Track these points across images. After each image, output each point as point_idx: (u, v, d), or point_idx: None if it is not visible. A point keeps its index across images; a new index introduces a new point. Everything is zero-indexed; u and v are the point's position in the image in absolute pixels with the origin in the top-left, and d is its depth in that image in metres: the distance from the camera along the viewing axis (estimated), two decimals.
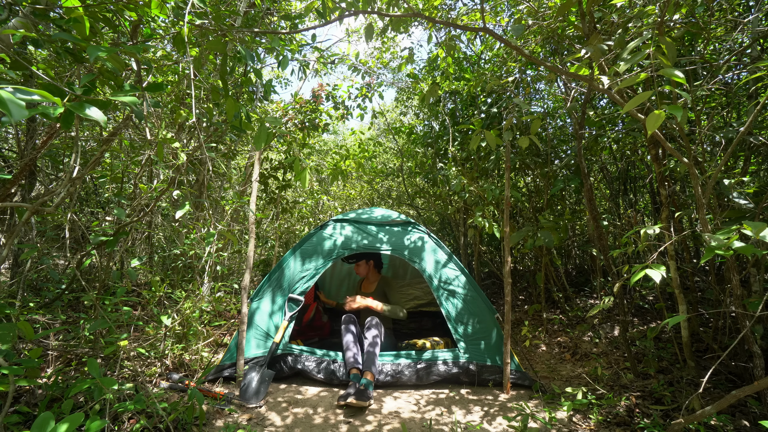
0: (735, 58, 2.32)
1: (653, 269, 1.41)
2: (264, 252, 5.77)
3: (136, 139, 3.31)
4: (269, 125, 1.52)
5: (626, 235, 2.28)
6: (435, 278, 2.83)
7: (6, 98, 0.77)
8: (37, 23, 1.43)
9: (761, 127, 2.62)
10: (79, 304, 3.61)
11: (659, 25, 1.70)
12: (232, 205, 2.91)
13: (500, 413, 2.22)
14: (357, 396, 2.20)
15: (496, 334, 2.66)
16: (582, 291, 4.42)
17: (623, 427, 2.01)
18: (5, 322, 1.72)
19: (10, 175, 1.92)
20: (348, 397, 2.23)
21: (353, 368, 2.50)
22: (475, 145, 2.14)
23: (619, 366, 2.76)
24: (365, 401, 2.20)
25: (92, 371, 1.49)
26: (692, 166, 1.68)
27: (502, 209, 3.66)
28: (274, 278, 2.87)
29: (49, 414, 1.15)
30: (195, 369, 2.65)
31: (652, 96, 1.27)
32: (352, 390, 2.29)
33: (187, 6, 1.40)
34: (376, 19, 3.87)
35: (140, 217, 2.38)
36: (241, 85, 2.20)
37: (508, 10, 3.98)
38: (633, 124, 2.90)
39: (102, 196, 4.32)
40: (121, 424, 1.80)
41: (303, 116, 4.35)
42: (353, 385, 2.35)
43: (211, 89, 1.89)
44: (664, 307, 2.76)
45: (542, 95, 4.56)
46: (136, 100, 1.13)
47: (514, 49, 1.80)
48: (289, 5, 4.15)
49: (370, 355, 2.53)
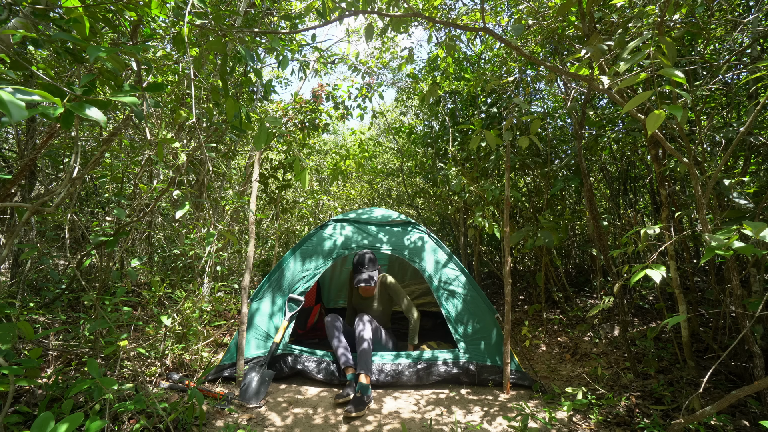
0: (735, 58, 2.32)
1: (653, 269, 1.41)
2: (264, 252, 5.77)
3: (136, 139, 3.31)
4: (269, 125, 1.52)
5: (626, 235, 2.28)
6: (435, 278, 2.83)
7: (6, 99, 0.77)
8: (37, 23, 1.43)
9: (761, 127, 2.62)
10: (79, 304, 3.61)
11: (659, 25, 1.70)
12: (232, 205, 2.91)
13: (500, 413, 2.22)
14: (355, 405, 2.20)
15: (496, 334, 2.66)
16: (582, 291, 4.42)
17: (623, 427, 2.01)
18: (5, 322, 1.72)
19: (10, 175, 1.92)
20: (347, 405, 2.23)
21: (347, 368, 2.51)
22: (475, 145, 2.14)
23: (619, 366, 2.76)
24: (363, 410, 2.20)
25: (92, 371, 1.49)
26: (692, 166, 1.68)
27: (502, 209, 3.66)
28: (274, 278, 2.87)
29: (49, 414, 1.15)
30: (195, 369, 2.65)
31: (652, 96, 1.27)
32: (350, 392, 2.30)
33: (187, 6, 1.40)
34: (376, 19, 3.87)
35: (140, 217, 2.38)
36: (241, 85, 2.20)
37: (508, 10, 3.98)
38: (633, 124, 2.90)
39: (102, 196, 4.32)
40: (121, 424, 1.80)
41: (303, 116, 4.35)
42: (351, 387, 2.35)
43: (211, 89, 1.89)
44: (664, 307, 2.76)
45: (542, 95, 4.56)
46: (136, 100, 1.13)
47: (514, 49, 1.80)
48: (289, 5, 4.15)
49: (364, 355, 2.51)
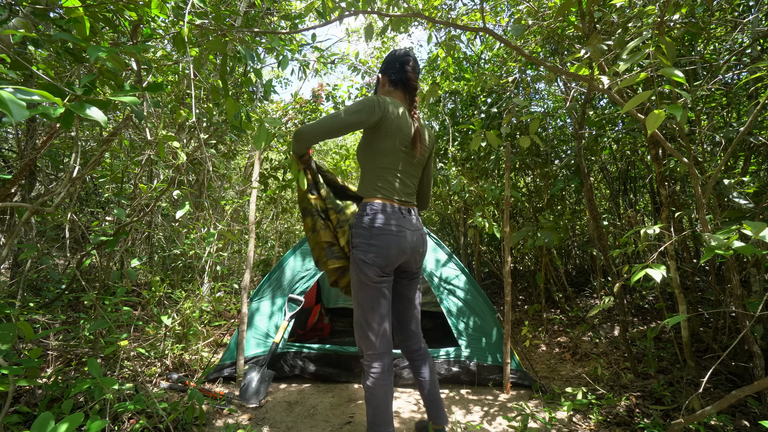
0: (735, 58, 2.32)
1: (653, 269, 1.41)
2: (264, 252, 5.77)
3: (136, 139, 3.31)
4: (269, 125, 1.52)
5: (626, 235, 2.28)
6: (435, 277, 2.83)
7: (7, 98, 0.77)
8: (37, 23, 1.43)
9: (761, 127, 2.62)
10: (79, 304, 3.61)
11: (659, 25, 1.70)
12: (232, 205, 2.91)
13: (500, 413, 2.22)
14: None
15: (497, 334, 2.66)
16: (582, 291, 4.42)
17: (623, 427, 2.01)
18: (5, 322, 1.72)
19: (10, 175, 1.92)
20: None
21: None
22: (476, 145, 2.14)
23: (619, 366, 2.76)
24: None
25: (92, 371, 1.49)
26: (692, 166, 1.68)
27: (502, 209, 3.66)
28: (274, 278, 2.87)
29: (49, 414, 1.15)
30: (195, 369, 2.65)
31: (651, 96, 1.27)
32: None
33: (187, 6, 1.40)
34: (376, 19, 3.87)
35: (140, 217, 2.38)
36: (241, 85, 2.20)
37: (508, 10, 3.98)
38: (633, 124, 2.90)
39: (102, 196, 4.31)
40: (121, 424, 1.80)
41: (303, 116, 4.35)
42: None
43: (211, 89, 1.89)
44: (664, 307, 2.76)
45: (542, 95, 4.56)
46: (136, 100, 1.13)
47: (514, 49, 1.80)
48: (289, 5, 4.15)
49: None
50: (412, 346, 1.83)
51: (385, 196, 1.65)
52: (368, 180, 1.70)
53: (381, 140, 1.65)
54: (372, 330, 1.60)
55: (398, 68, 1.77)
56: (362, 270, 1.59)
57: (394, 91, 1.79)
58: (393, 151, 1.67)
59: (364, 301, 1.61)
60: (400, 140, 1.67)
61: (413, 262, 1.75)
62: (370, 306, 1.60)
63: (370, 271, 1.58)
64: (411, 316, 1.84)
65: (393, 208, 1.66)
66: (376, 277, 1.58)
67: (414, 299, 1.84)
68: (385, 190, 1.67)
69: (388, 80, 1.79)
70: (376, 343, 1.61)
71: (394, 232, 1.61)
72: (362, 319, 1.62)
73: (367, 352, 1.62)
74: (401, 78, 1.76)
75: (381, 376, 1.60)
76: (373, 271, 1.58)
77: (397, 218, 1.64)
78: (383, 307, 1.62)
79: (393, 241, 1.60)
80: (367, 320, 1.61)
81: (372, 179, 1.69)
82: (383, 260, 1.59)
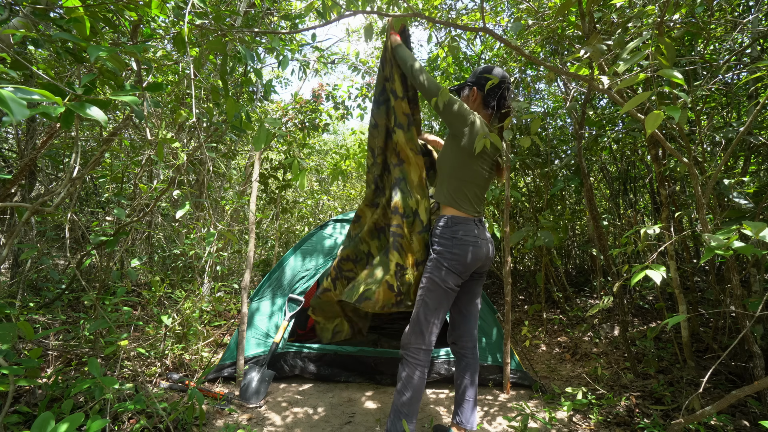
0: (735, 58, 2.32)
1: (653, 270, 1.41)
2: (264, 252, 5.77)
3: (136, 139, 3.31)
4: (269, 125, 1.52)
5: (626, 235, 2.28)
6: None
7: (8, 97, 0.77)
8: (37, 23, 1.43)
9: (761, 127, 2.62)
10: (79, 304, 3.61)
11: (659, 25, 1.70)
12: (232, 205, 2.91)
13: (500, 413, 2.22)
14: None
15: (497, 333, 2.66)
16: (582, 291, 4.42)
17: (623, 427, 2.01)
18: (5, 322, 1.72)
19: (10, 175, 1.92)
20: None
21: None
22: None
23: (619, 366, 2.76)
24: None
25: (93, 371, 1.49)
26: (692, 166, 1.68)
27: (502, 209, 3.66)
28: (274, 278, 2.87)
29: (49, 414, 1.15)
30: (195, 369, 2.65)
31: (651, 96, 1.27)
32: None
33: (187, 6, 1.40)
34: (376, 18, 3.87)
35: (140, 217, 2.38)
36: (241, 85, 2.20)
37: (508, 10, 3.98)
38: (633, 124, 2.90)
39: (102, 196, 4.32)
40: (121, 424, 1.80)
41: (303, 116, 4.35)
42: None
43: (211, 89, 1.89)
44: (664, 307, 2.76)
45: (542, 95, 4.56)
46: (137, 100, 1.13)
47: (514, 49, 1.80)
48: (289, 5, 4.15)
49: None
50: (466, 343, 1.94)
51: (466, 210, 1.78)
52: (449, 189, 1.81)
53: (468, 156, 1.76)
54: (428, 328, 1.73)
55: (499, 95, 1.82)
56: (440, 275, 1.71)
57: (483, 111, 1.86)
58: (477, 169, 1.79)
59: (431, 301, 1.72)
60: (484, 159, 1.80)
61: (484, 266, 1.89)
62: (435, 306, 1.72)
63: (449, 277, 1.71)
64: (474, 311, 1.97)
65: (472, 220, 1.79)
66: (452, 283, 1.72)
67: (478, 295, 1.97)
68: (466, 203, 1.79)
69: (481, 99, 1.85)
70: (429, 339, 1.73)
71: (473, 243, 1.75)
72: (422, 317, 1.73)
73: (416, 346, 1.73)
74: (499, 105, 1.85)
75: (423, 370, 1.72)
76: (452, 278, 1.71)
77: (476, 230, 1.78)
78: (445, 309, 1.76)
79: (472, 251, 1.74)
80: (428, 318, 1.73)
81: (453, 190, 1.80)
82: (462, 267, 1.72)
